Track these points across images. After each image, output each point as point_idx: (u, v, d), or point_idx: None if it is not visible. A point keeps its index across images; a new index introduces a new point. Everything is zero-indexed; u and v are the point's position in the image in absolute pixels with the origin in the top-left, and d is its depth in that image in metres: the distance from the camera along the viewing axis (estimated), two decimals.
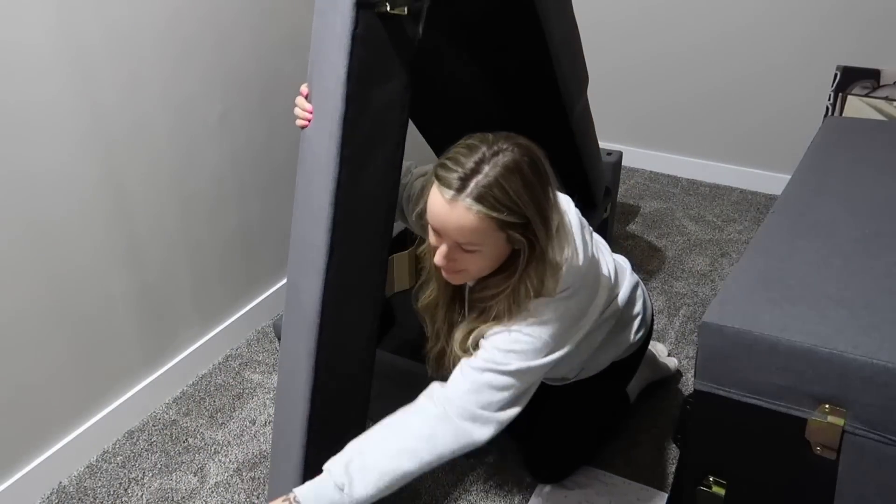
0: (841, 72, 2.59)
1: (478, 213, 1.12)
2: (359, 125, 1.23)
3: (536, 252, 1.19)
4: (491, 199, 1.11)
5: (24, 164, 1.54)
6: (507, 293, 1.23)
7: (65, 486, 1.77)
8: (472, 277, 1.28)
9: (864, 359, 1.01)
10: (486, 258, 1.19)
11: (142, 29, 1.71)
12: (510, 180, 1.12)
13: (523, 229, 1.16)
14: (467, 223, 1.13)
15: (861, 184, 1.50)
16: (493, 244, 1.17)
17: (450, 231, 1.16)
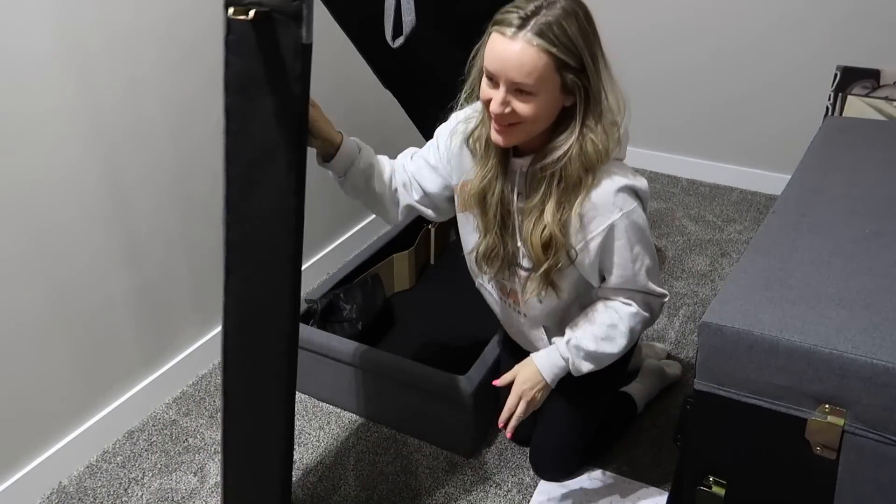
0: (841, 72, 2.59)
1: (538, 48, 1.14)
2: (245, 141, 1.15)
3: (592, 103, 1.22)
4: (551, 36, 1.14)
5: (25, 164, 1.54)
6: (577, 152, 1.23)
7: (65, 486, 1.77)
8: (524, 133, 1.25)
9: (864, 359, 1.01)
10: (540, 105, 1.20)
11: (142, 30, 1.71)
12: (569, 22, 1.15)
13: (578, 74, 1.18)
14: (527, 58, 1.15)
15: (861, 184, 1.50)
16: (549, 89, 1.18)
17: (509, 69, 1.17)
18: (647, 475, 1.73)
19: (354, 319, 2.05)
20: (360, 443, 1.86)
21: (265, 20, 1.06)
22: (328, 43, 2.28)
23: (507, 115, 1.21)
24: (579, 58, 1.18)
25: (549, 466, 1.71)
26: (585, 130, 1.23)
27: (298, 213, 1.18)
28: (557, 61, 1.16)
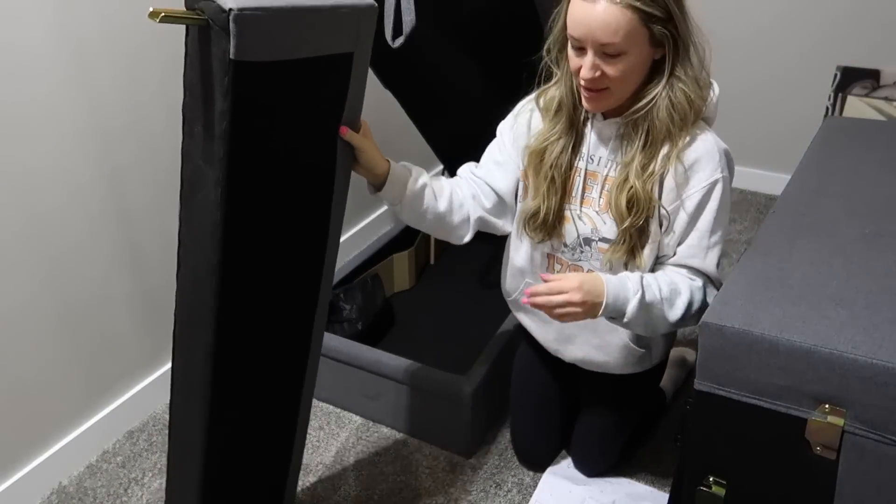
0: (841, 72, 2.59)
1: (622, 4, 1.12)
2: (192, 145, 1.13)
3: (681, 52, 1.20)
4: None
5: (23, 163, 1.54)
6: (666, 103, 1.20)
7: (65, 486, 1.77)
8: (615, 97, 1.23)
9: (864, 359, 1.01)
10: (631, 65, 1.17)
11: (140, 27, 1.71)
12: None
13: (666, 23, 1.17)
14: (612, 17, 1.13)
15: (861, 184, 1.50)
16: (639, 45, 1.16)
17: (595, 31, 1.15)
18: (647, 475, 1.73)
19: (354, 319, 2.05)
20: (360, 443, 1.86)
21: (206, 29, 1.03)
22: None
23: (598, 80, 1.19)
24: (664, 5, 1.16)
25: (591, 457, 1.68)
26: (674, 80, 1.20)
27: (227, 225, 1.09)
28: (643, 14, 1.14)
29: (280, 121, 1.09)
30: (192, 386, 1.25)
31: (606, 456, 1.71)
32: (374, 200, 2.79)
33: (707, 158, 1.24)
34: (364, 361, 1.82)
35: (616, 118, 1.30)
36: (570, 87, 1.31)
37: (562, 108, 1.33)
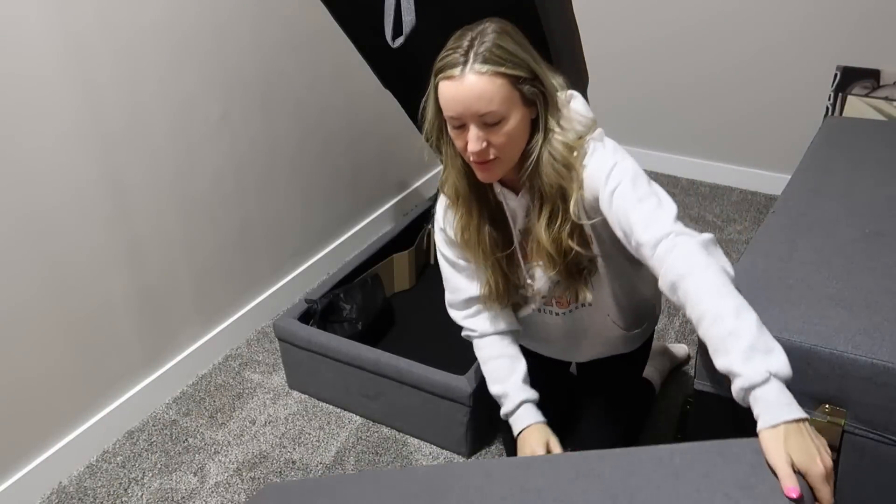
0: (841, 72, 2.59)
1: (490, 73, 1.14)
2: None
3: (550, 105, 1.22)
4: (496, 58, 1.15)
5: (24, 164, 1.54)
6: (548, 158, 1.22)
7: (65, 486, 1.77)
8: (507, 163, 1.24)
9: (864, 359, 1.01)
10: (513, 128, 1.19)
11: (142, 29, 1.71)
12: (504, 41, 1.17)
13: (533, 82, 1.19)
14: (483, 87, 1.15)
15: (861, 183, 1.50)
16: (515, 108, 1.18)
17: (471, 105, 1.16)
18: None
19: (354, 319, 2.05)
20: (360, 443, 1.86)
21: None
22: (328, 43, 2.28)
23: (485, 151, 1.20)
24: (527, 66, 1.18)
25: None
26: (550, 134, 1.22)
27: None
28: (510, 78, 1.16)
29: None
30: None
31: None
32: (374, 200, 2.79)
33: (596, 181, 1.23)
34: (364, 361, 1.82)
35: (518, 192, 1.31)
36: (460, 167, 1.30)
37: (461, 193, 1.33)
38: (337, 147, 2.50)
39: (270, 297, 2.34)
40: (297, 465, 1.80)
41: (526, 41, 1.22)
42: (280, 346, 1.99)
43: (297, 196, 2.37)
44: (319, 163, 2.43)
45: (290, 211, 2.35)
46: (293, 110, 2.25)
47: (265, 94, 2.12)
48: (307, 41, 2.23)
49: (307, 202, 2.42)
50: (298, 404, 2.00)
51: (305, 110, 2.30)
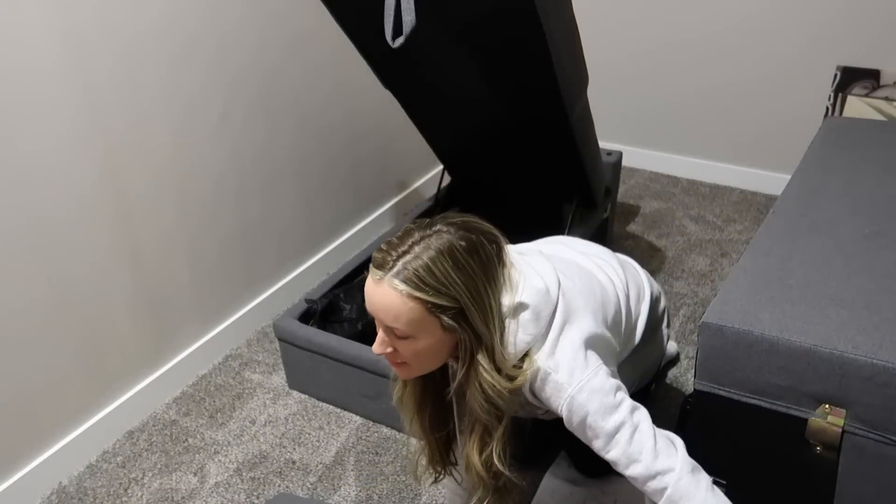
0: (841, 72, 2.59)
1: (402, 293, 1.05)
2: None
3: (480, 341, 1.11)
4: (416, 280, 1.05)
5: (24, 164, 1.54)
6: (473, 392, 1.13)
7: (65, 486, 1.77)
8: (418, 370, 1.17)
9: (864, 359, 1.01)
10: (423, 347, 1.11)
11: (142, 29, 1.71)
12: (439, 261, 1.06)
13: (456, 314, 1.08)
14: (393, 304, 1.06)
15: (861, 183, 1.50)
16: (428, 332, 1.09)
17: (379, 314, 1.09)
18: None
19: (354, 319, 2.05)
20: (360, 443, 1.86)
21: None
22: (328, 43, 2.28)
23: (390, 355, 1.14)
24: (453, 297, 1.07)
25: (587, 454, 1.66)
26: (474, 372, 1.12)
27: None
28: (428, 305, 1.06)
29: None
30: None
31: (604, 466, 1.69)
32: (374, 200, 2.79)
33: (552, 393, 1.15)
34: (364, 361, 1.82)
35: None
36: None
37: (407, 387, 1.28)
38: (337, 147, 2.50)
39: (270, 297, 2.34)
40: (297, 465, 1.80)
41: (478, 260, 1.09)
42: (280, 346, 1.99)
43: (297, 196, 2.37)
44: (319, 163, 2.43)
45: (290, 211, 2.35)
46: (293, 110, 2.25)
47: (265, 94, 2.12)
48: (307, 41, 2.23)
49: (307, 202, 2.42)
50: (298, 404, 2.00)
51: (306, 110, 2.30)
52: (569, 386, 1.12)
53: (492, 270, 1.11)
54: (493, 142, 2.25)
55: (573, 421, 1.14)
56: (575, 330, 1.16)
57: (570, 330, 1.16)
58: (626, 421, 1.11)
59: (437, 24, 1.69)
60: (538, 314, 1.14)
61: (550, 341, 1.15)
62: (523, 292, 1.13)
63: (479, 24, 1.70)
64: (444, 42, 1.80)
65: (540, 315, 1.14)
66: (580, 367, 1.13)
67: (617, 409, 1.12)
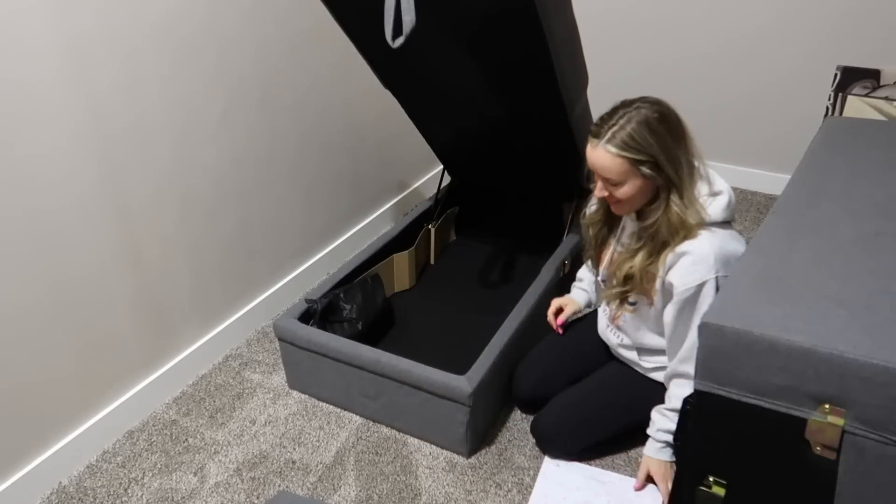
0: (841, 72, 2.59)
1: (610, 153, 1.45)
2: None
3: (672, 185, 1.48)
4: (619, 143, 1.44)
5: (24, 164, 1.54)
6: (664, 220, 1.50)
7: (65, 486, 1.77)
8: (627, 208, 1.56)
9: (864, 359, 1.01)
10: (631, 190, 1.49)
11: (142, 29, 1.71)
12: (641, 129, 1.43)
13: (654, 167, 1.45)
14: (605, 162, 1.47)
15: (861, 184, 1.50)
16: (632, 179, 1.47)
17: (596, 168, 1.49)
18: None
19: (354, 319, 2.05)
20: (360, 443, 1.86)
21: None
22: (328, 42, 2.28)
23: (609, 197, 1.54)
24: (650, 154, 1.44)
25: (548, 438, 1.76)
26: (669, 204, 1.49)
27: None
28: (630, 161, 1.44)
29: None
30: None
31: (563, 448, 1.76)
32: (374, 200, 2.79)
33: (699, 261, 1.46)
34: (364, 361, 1.82)
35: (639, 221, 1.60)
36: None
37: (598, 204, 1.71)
38: (337, 147, 2.50)
39: (270, 297, 2.34)
40: (297, 465, 1.80)
41: (671, 133, 1.46)
42: (280, 346, 1.99)
43: (297, 196, 2.37)
44: (319, 163, 2.43)
45: (290, 211, 2.35)
46: (293, 110, 2.25)
47: (265, 94, 2.12)
48: (307, 41, 2.23)
49: (307, 202, 2.42)
50: (298, 404, 2.00)
51: (305, 110, 2.30)
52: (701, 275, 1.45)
53: (679, 132, 1.48)
54: (493, 142, 2.25)
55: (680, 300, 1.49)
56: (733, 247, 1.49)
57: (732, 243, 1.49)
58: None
59: (437, 25, 1.69)
60: (729, 206, 1.51)
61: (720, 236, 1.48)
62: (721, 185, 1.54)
63: (480, 24, 1.70)
64: (445, 42, 1.80)
65: (728, 209, 1.51)
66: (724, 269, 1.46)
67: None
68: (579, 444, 1.75)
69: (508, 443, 1.83)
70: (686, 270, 1.47)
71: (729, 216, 1.52)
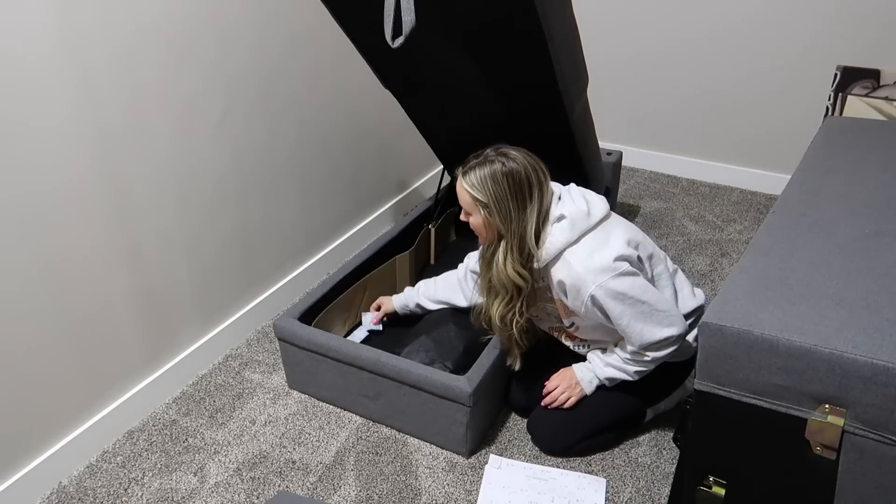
0: (841, 72, 2.59)
1: (463, 186, 1.63)
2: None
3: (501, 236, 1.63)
4: (469, 180, 1.61)
5: (24, 164, 1.54)
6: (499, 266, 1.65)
7: (65, 486, 1.77)
8: (478, 236, 1.70)
9: (864, 359, 1.01)
10: (476, 222, 1.65)
11: (142, 29, 1.71)
12: (491, 176, 1.58)
13: (487, 209, 1.61)
14: (460, 191, 1.65)
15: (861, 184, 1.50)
16: (475, 214, 1.64)
17: (458, 195, 1.65)
18: (647, 475, 1.73)
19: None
20: (360, 443, 1.86)
21: None
22: (328, 43, 2.28)
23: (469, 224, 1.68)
24: (485, 197, 1.59)
25: (542, 436, 1.80)
26: (496, 255, 1.64)
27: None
28: (473, 198, 1.61)
29: None
30: None
31: (557, 443, 1.78)
32: (374, 200, 2.79)
33: (576, 285, 1.58)
34: (364, 361, 1.82)
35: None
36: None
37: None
38: (337, 147, 2.50)
39: (270, 297, 2.34)
40: (297, 465, 1.80)
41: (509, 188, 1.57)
42: (280, 346, 1.99)
43: (297, 196, 2.37)
44: (319, 163, 2.43)
45: (290, 211, 2.35)
46: (293, 110, 2.25)
47: (265, 94, 2.12)
48: (307, 41, 2.23)
49: (307, 202, 2.42)
50: (298, 404, 2.00)
51: (306, 110, 2.30)
52: (592, 285, 1.56)
53: (523, 192, 1.59)
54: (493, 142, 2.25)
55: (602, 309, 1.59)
56: (609, 248, 1.59)
57: (606, 248, 1.59)
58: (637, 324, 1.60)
59: (437, 25, 1.69)
60: (573, 225, 1.60)
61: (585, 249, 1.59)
62: (564, 207, 1.62)
63: (480, 24, 1.70)
64: (444, 42, 1.80)
65: (574, 226, 1.60)
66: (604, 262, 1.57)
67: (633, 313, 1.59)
68: (573, 437, 1.76)
69: (508, 443, 1.84)
70: (572, 296, 1.61)
71: (585, 227, 1.61)
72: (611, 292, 1.55)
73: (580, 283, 1.57)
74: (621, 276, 1.56)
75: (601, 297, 1.56)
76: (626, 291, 1.56)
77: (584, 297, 1.57)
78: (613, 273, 1.55)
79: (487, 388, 1.76)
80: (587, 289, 1.56)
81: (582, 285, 1.57)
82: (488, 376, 1.74)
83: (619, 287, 1.55)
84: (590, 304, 1.58)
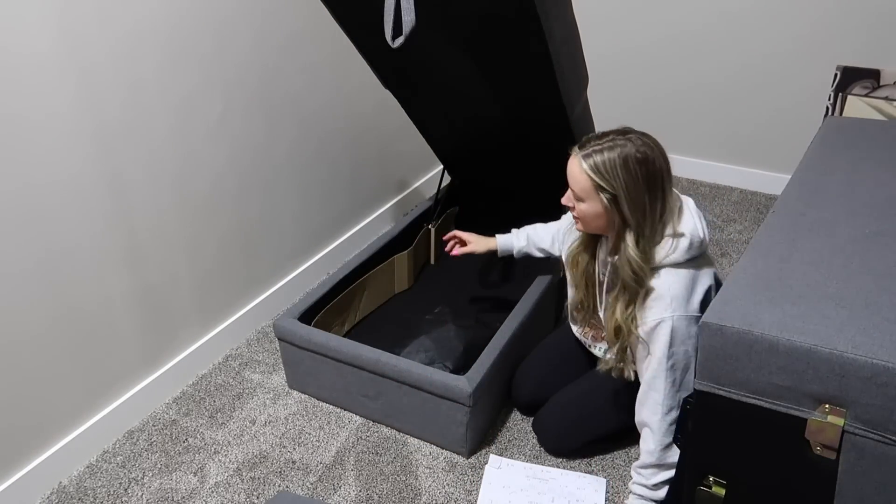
0: (841, 72, 2.59)
1: (581, 168, 1.46)
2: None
3: (628, 225, 1.47)
4: (592, 163, 1.44)
5: (25, 165, 1.54)
6: (624, 263, 1.48)
7: (65, 486, 1.77)
8: (583, 225, 1.57)
9: (864, 359, 1.01)
10: (589, 210, 1.50)
11: (142, 29, 1.71)
12: (618, 161, 1.42)
13: (613, 199, 1.45)
14: (575, 173, 1.48)
15: (861, 184, 1.50)
16: (592, 200, 1.48)
17: (569, 176, 1.51)
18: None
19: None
20: (360, 443, 1.86)
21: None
22: (328, 43, 2.28)
23: (571, 208, 1.56)
24: (612, 186, 1.43)
25: (548, 438, 1.79)
26: (624, 246, 1.48)
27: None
28: (595, 184, 1.45)
29: None
30: None
31: (562, 446, 1.78)
32: (374, 200, 2.79)
33: (656, 298, 1.47)
34: (364, 361, 1.82)
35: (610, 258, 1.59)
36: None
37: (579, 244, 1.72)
38: (337, 147, 2.50)
39: (270, 297, 2.34)
40: (297, 465, 1.80)
41: (641, 175, 1.43)
42: (280, 346, 1.99)
43: (297, 196, 2.37)
44: (319, 162, 2.43)
45: (289, 211, 2.35)
46: (293, 110, 2.25)
47: (265, 93, 2.12)
48: (307, 41, 2.23)
49: (307, 202, 2.42)
50: (298, 404, 2.00)
51: (305, 110, 2.30)
52: (666, 312, 1.45)
53: (656, 179, 1.44)
54: (493, 142, 2.25)
55: (654, 339, 1.47)
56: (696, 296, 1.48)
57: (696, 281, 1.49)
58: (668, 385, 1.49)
59: (437, 25, 1.68)
60: (690, 248, 1.47)
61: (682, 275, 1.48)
62: (686, 226, 1.48)
63: (480, 24, 1.70)
64: (444, 42, 1.80)
65: (690, 250, 1.47)
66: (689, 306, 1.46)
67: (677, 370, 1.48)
68: (579, 440, 1.76)
69: (508, 443, 1.83)
70: (645, 306, 1.48)
71: (695, 254, 1.49)
72: (678, 330, 1.44)
73: (664, 302, 1.45)
74: (694, 325, 1.45)
75: (665, 328, 1.44)
76: (684, 342, 1.45)
77: (655, 316, 1.46)
78: (694, 316, 1.45)
79: (487, 388, 1.76)
80: (666, 312, 1.44)
81: (665, 306, 1.45)
82: (488, 376, 1.74)
83: (685, 334, 1.45)
84: (650, 326, 1.47)
